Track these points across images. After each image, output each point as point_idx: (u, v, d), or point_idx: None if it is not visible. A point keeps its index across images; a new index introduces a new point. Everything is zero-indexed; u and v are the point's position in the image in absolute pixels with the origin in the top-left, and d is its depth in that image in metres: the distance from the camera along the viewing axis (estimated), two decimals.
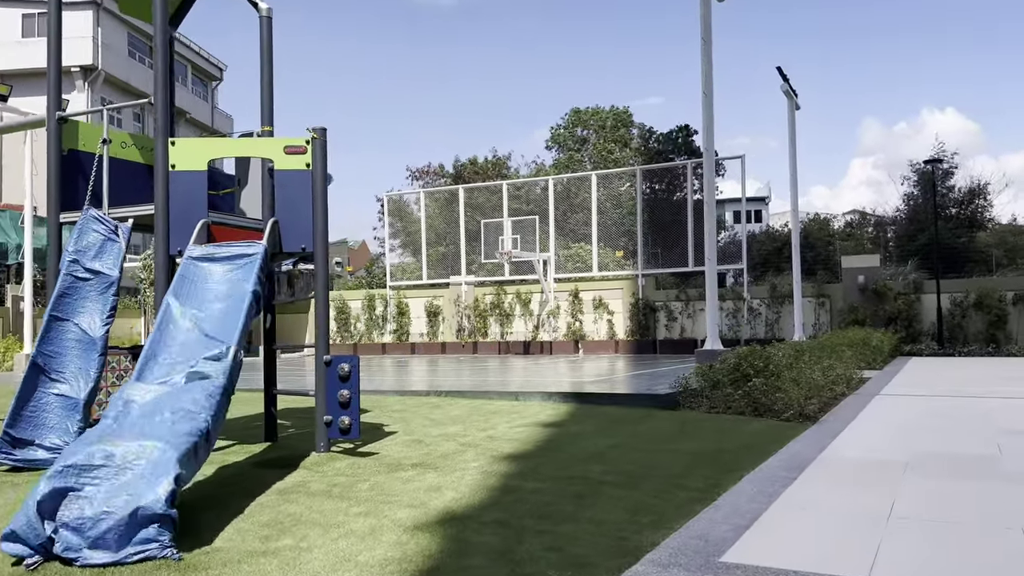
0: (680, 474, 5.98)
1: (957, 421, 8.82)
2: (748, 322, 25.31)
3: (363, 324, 31.31)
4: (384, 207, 33.11)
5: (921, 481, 5.75)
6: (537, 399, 10.53)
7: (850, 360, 14.33)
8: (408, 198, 42.24)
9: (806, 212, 67.79)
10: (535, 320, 28.42)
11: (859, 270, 23.65)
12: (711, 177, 13.68)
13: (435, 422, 8.73)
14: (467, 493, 5.24)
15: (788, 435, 7.93)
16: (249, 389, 12.37)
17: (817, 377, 10.47)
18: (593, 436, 7.73)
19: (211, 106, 49.19)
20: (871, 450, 7.10)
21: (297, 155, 6.43)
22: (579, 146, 53.43)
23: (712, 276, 13.60)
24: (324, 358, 6.33)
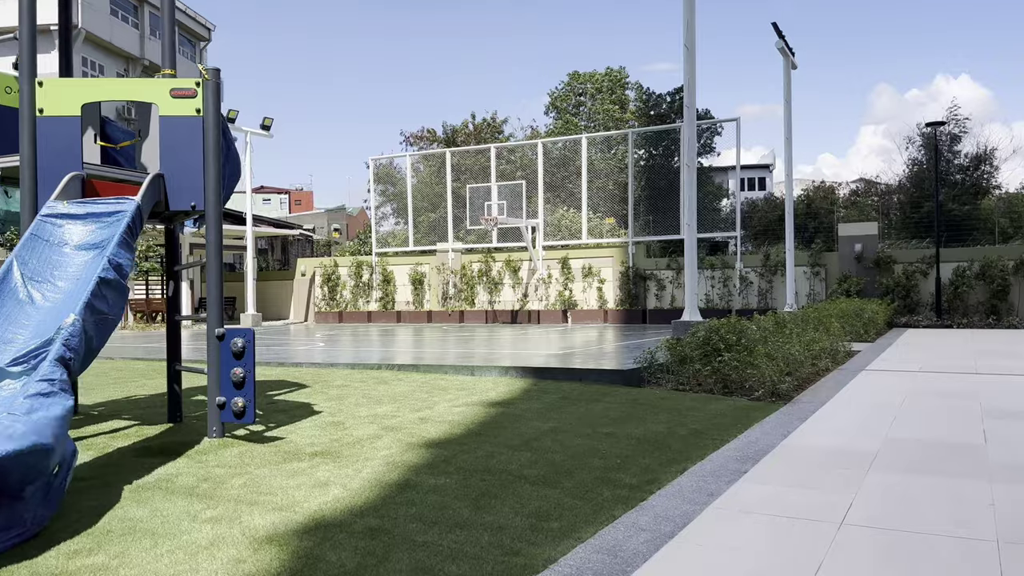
0: (615, 466, 5.25)
1: (943, 401, 8.08)
2: (740, 292, 24.51)
3: (349, 292, 30.59)
4: (370, 172, 32.18)
5: (888, 477, 5.02)
6: (494, 374, 9.80)
7: (838, 333, 13.56)
8: (399, 163, 41.31)
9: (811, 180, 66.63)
10: (523, 288, 27.66)
11: (856, 238, 22.77)
12: (692, 137, 12.80)
13: (372, 400, 8.01)
14: (355, 491, 4.52)
15: (753, 417, 7.20)
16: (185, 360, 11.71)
17: (796, 352, 9.71)
18: (536, 418, 7.01)
19: (198, 66, 48.03)
20: (840, 436, 6.37)
21: (186, 99, 5.63)
22: (576, 109, 52.34)
23: (691, 243, 12.79)
24: (216, 331, 5.58)
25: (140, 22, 41.53)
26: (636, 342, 15.68)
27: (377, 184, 51.37)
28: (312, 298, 31.73)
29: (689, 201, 12.66)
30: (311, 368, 11.01)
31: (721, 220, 32.33)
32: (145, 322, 29.16)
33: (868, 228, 23.08)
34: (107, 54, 39.26)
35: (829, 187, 57.37)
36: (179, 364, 6.65)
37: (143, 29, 41.63)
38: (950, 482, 4.85)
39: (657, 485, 4.81)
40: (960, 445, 5.95)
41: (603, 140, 34.99)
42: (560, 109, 52.45)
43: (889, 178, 47.41)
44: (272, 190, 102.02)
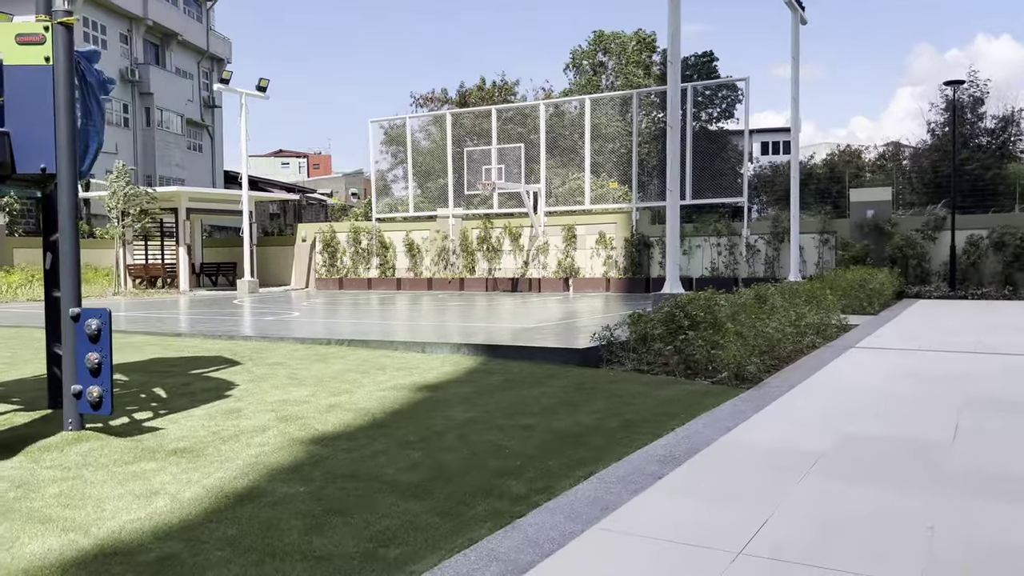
0: (511, 469, 4.57)
1: (924, 385, 7.29)
2: (747, 260, 23.57)
3: (349, 258, 30.04)
4: (370, 135, 31.43)
5: (823, 485, 4.30)
6: (445, 351, 9.14)
7: (832, 305, 12.72)
8: (413, 124, 40.38)
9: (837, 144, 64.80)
10: (524, 256, 26.90)
11: (868, 204, 21.70)
12: (676, 95, 11.86)
13: (295, 382, 7.39)
14: (183, 503, 3.89)
15: (705, 405, 6.48)
16: (140, 332, 11.18)
17: (771, 330, 8.93)
18: (459, 405, 6.34)
19: (206, 28, 47.24)
20: (791, 430, 5.64)
21: (32, 46, 4.94)
22: (596, 70, 50.99)
23: (674, 210, 11.95)
24: (71, 311, 4.95)
25: None
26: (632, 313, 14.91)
27: (390, 146, 50.55)
28: (313, 264, 31.22)
29: (671, 164, 11.79)
30: (258, 342, 10.42)
31: (738, 185, 31.12)
32: (143, 287, 28.84)
33: (881, 193, 21.98)
34: (108, 14, 38.62)
35: (855, 151, 55.67)
36: (59, 345, 6.04)
37: None
38: (891, 495, 4.12)
39: (548, 495, 4.13)
40: (923, 443, 5.20)
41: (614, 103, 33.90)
42: (580, 69, 51.14)
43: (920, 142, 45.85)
44: (291, 154, 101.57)
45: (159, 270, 29.45)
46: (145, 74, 40.41)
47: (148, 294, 26.37)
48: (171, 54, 44.03)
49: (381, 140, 50.86)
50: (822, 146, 72.36)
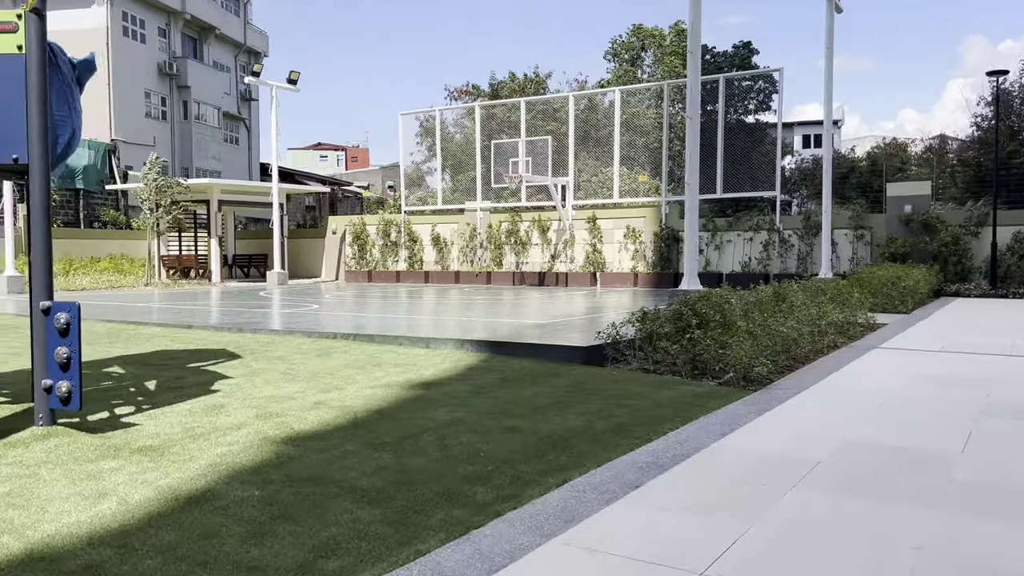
0: (480, 475, 4.37)
1: (943, 389, 6.91)
2: (780, 255, 23.02)
3: (378, 251, 30.05)
4: (400, 128, 31.37)
5: (811, 497, 4.02)
6: (449, 347, 8.96)
7: (858, 303, 12.28)
8: (447, 116, 40.25)
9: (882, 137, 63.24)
10: (552, 249, 26.64)
11: (905, 199, 21.01)
12: (696, 85, 11.49)
13: (288, 377, 7.27)
14: (130, 506, 3.76)
15: (705, 407, 6.21)
16: (153, 323, 11.14)
17: (785, 329, 8.59)
18: (447, 404, 6.15)
19: (243, 22, 47.66)
20: (790, 437, 5.35)
21: (5, 34, 4.85)
22: (635, 61, 50.41)
23: (692, 204, 11.61)
24: (41, 305, 4.86)
25: None
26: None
27: (424, 139, 50.62)
28: (343, 257, 31.32)
29: (690, 157, 11.46)
30: (267, 335, 10.35)
31: (774, 179, 30.42)
32: (176, 278, 29.18)
33: (920, 188, 21.27)
34: (147, 8, 39.11)
35: (900, 144, 54.18)
36: None
37: None
38: (884, 509, 3.83)
39: (513, 504, 3.92)
40: (929, 453, 4.88)
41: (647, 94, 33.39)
42: (620, 58, 50.61)
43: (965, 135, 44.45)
44: (329, 147, 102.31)
45: (192, 261, 29.77)
46: (183, 68, 40.89)
47: (179, 285, 26.67)
48: (209, 48, 44.50)
49: (416, 132, 50.94)
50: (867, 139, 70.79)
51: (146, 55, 39.18)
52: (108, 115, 36.39)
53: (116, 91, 36.60)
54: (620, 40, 50.28)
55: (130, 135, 37.30)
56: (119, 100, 36.77)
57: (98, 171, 34.13)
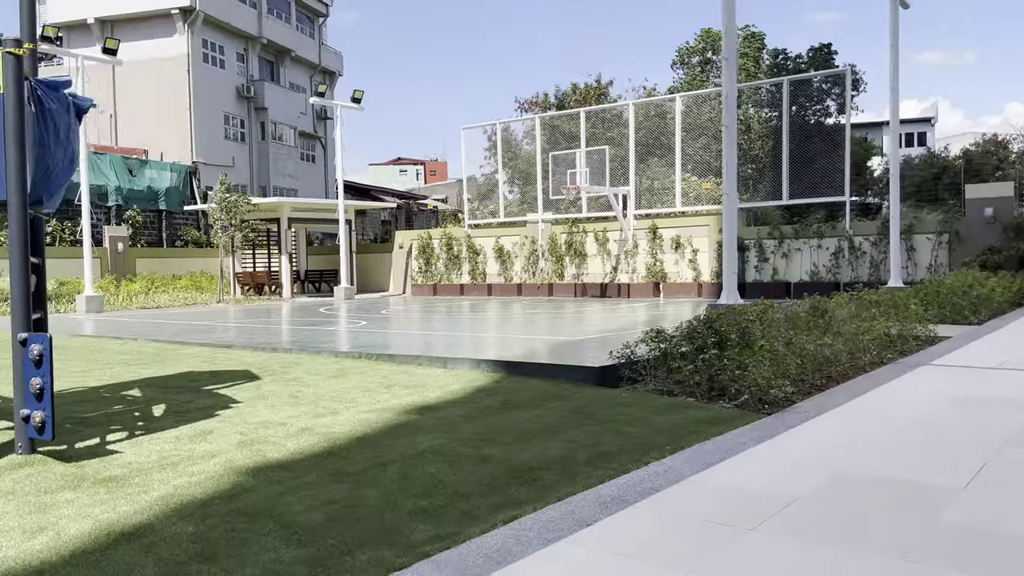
0: (432, 510, 4.22)
1: (979, 412, 6.38)
2: (850, 263, 22.04)
3: (443, 264, 30.29)
4: (462, 141, 31.59)
5: (769, 543, 3.72)
6: (466, 367, 8.85)
7: (915, 315, 11.58)
8: (516, 128, 40.36)
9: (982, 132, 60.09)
10: (613, 261, 26.26)
11: (986, 201, 19.81)
12: (732, 92, 11.08)
13: (293, 400, 7.30)
14: (63, 542, 3.78)
15: (704, 434, 5.90)
16: (197, 343, 11.37)
17: (815, 348, 8.13)
18: (434, 431, 6.04)
19: (318, 43, 49.05)
20: (779, 469, 5.01)
21: None
22: (704, 67, 49.49)
23: (731, 215, 11.19)
24: (19, 336, 4.99)
25: (258, 1, 42.69)
26: None
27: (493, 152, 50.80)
28: (409, 271, 31.70)
29: (727, 165, 11.06)
30: (295, 355, 10.47)
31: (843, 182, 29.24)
32: (250, 294, 30.11)
33: (1002, 189, 20.03)
34: (226, 35, 40.66)
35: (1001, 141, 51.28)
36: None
37: (261, 8, 42.81)
38: (845, 560, 3.50)
39: (448, 544, 3.76)
40: (927, 489, 4.47)
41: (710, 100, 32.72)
42: (688, 65, 49.81)
43: None
44: (408, 161, 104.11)
45: (264, 277, 30.66)
46: (260, 90, 42.33)
47: (251, 301, 27.48)
48: (285, 70, 45.95)
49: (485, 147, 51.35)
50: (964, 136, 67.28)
51: (225, 79, 40.72)
52: (189, 138, 37.96)
53: (197, 115, 38.16)
54: (688, 47, 49.39)
55: (210, 157, 38.79)
56: (199, 124, 38.31)
57: (180, 192, 35.61)
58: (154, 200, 34.04)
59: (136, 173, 33.86)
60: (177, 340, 12.40)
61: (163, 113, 38.01)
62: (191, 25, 37.80)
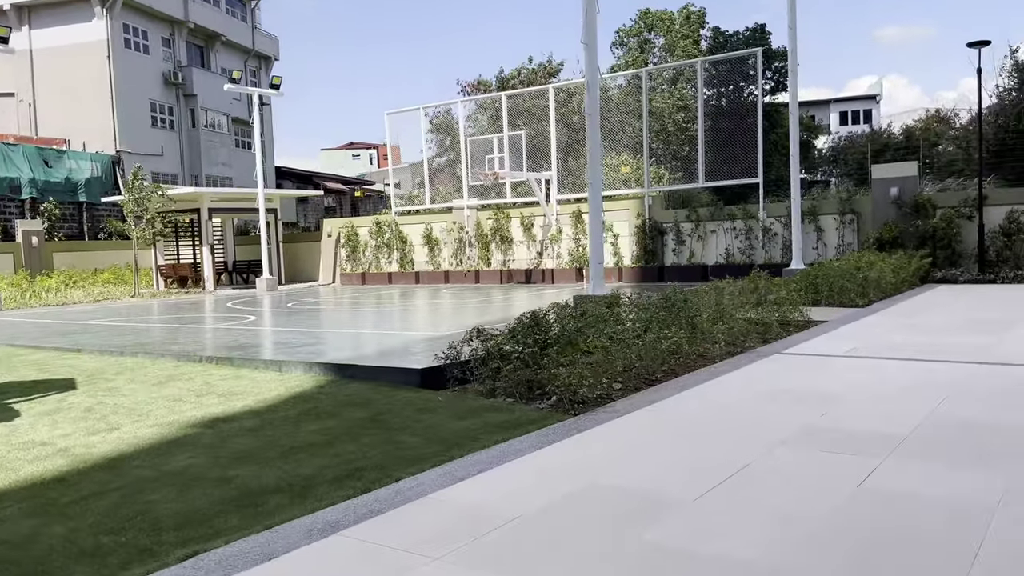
0: (109, 548, 3.92)
1: (781, 408, 6.23)
2: (763, 245, 22.06)
3: (371, 252, 29.84)
4: (387, 127, 31.04)
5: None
6: (298, 370, 8.54)
7: (790, 299, 11.50)
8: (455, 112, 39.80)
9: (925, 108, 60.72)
10: (538, 246, 26.05)
11: (891, 181, 19.89)
12: (594, 79, 10.77)
13: (86, 414, 6.93)
14: None
15: (489, 440, 5.68)
16: (50, 347, 10.66)
17: (644, 343, 7.95)
18: (203, 448, 5.73)
19: (251, 27, 47.89)
20: (533, 478, 4.79)
21: None
22: (643, 47, 49.30)
23: (596, 204, 10.96)
24: None
25: None
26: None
27: (437, 135, 50.37)
28: (338, 259, 31.20)
29: (591, 155, 10.82)
30: (140, 359, 10.07)
31: (756, 164, 29.25)
32: (173, 287, 29.41)
33: (906, 169, 20.12)
34: (149, 19, 39.46)
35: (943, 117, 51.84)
36: None
37: None
38: None
39: None
40: (660, 502, 4.27)
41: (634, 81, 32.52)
42: (628, 47, 49.62)
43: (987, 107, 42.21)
44: (361, 146, 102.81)
45: (187, 270, 29.96)
46: (188, 76, 41.22)
47: (169, 295, 26.82)
48: (216, 55, 44.81)
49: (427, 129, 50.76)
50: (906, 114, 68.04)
51: (150, 65, 39.57)
52: (112, 127, 36.86)
53: (119, 103, 37.04)
54: (626, 28, 49.15)
55: (136, 146, 37.73)
56: (123, 112, 37.21)
57: (102, 183, 34.61)
58: (73, 192, 33.03)
59: (53, 164, 32.81)
60: (34, 344, 11.91)
61: (84, 101, 36.85)
62: (110, 9, 36.60)
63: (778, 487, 4.48)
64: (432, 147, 51.62)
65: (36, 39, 37.47)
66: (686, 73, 34.60)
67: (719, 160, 23.60)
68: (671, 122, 35.32)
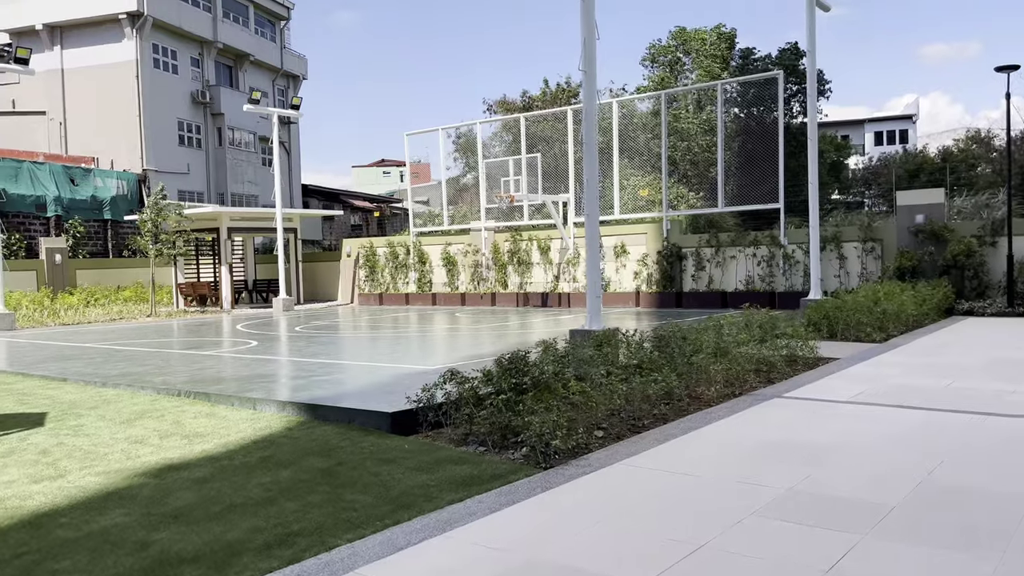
0: None
1: (766, 468, 5.78)
2: (784, 272, 21.46)
3: (388, 273, 29.69)
4: (405, 148, 30.93)
5: None
6: (272, 408, 8.24)
7: (797, 335, 10.98)
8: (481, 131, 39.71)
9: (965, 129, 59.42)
10: (555, 269, 25.69)
11: (917, 208, 19.22)
12: (592, 106, 10.38)
13: (39, 456, 6.69)
14: None
15: (445, 500, 5.31)
16: (37, 375, 10.44)
17: (627, 388, 7.53)
18: (142, 502, 5.43)
19: (280, 47, 48.36)
20: (470, 551, 4.41)
21: None
22: (673, 67, 48.90)
23: (592, 233, 10.54)
24: None
25: (212, 5, 42.05)
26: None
27: (462, 154, 50.47)
28: (356, 280, 31.10)
29: (588, 182, 10.43)
30: (120, 391, 9.85)
31: (778, 189, 28.67)
32: (193, 305, 29.49)
33: (932, 196, 19.43)
34: (179, 39, 39.98)
35: (983, 138, 50.67)
36: None
37: (216, 11, 42.15)
38: None
39: None
40: None
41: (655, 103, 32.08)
42: (659, 63, 49.27)
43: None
44: (392, 163, 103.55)
45: (206, 288, 30.04)
46: (216, 95, 41.66)
47: (186, 314, 26.86)
48: (244, 74, 45.27)
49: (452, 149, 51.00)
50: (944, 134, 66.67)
51: (179, 85, 40.06)
52: (139, 146, 37.30)
53: (147, 122, 37.50)
54: (659, 45, 48.79)
55: (163, 164, 38.15)
56: (150, 131, 37.65)
57: (128, 201, 34.97)
58: (98, 209, 33.40)
59: (79, 182, 33.22)
60: (23, 371, 11.78)
61: (113, 120, 37.37)
62: (139, 30, 37.13)
63: (733, 573, 4.04)
64: (459, 166, 51.68)
65: (67, 59, 38.14)
66: (710, 94, 34.09)
67: (744, 183, 23.11)
68: (696, 144, 34.81)
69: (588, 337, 9.93)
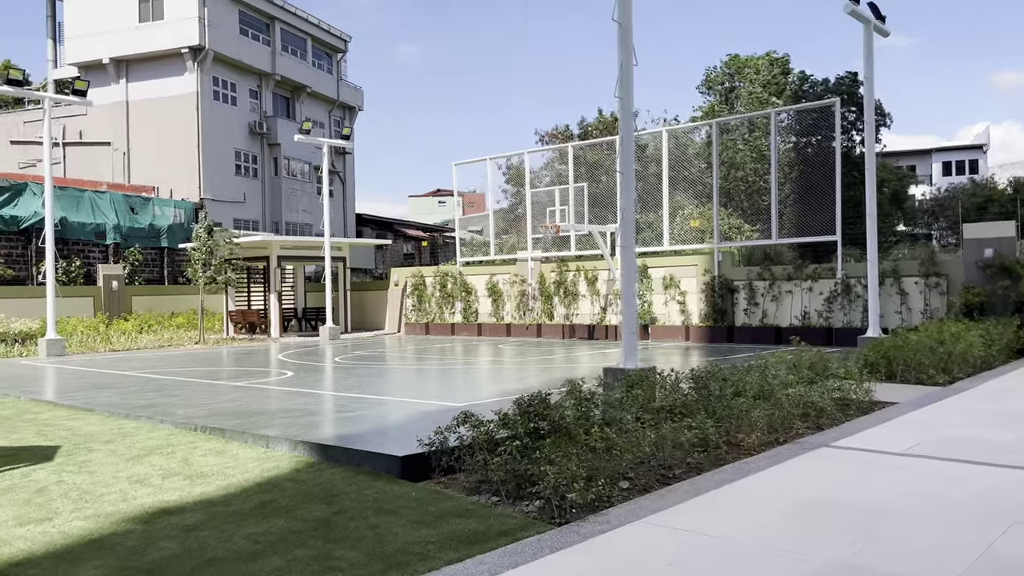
0: None
1: (798, 534, 5.17)
2: (843, 307, 20.48)
3: (435, 303, 29.48)
4: (453, 177, 30.81)
5: None
6: (284, 447, 7.89)
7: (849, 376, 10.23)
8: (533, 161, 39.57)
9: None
10: (602, 301, 25.09)
11: (985, 241, 18.16)
12: (629, 143, 9.88)
13: (35, 496, 6.43)
14: None
15: (443, 559, 4.85)
16: (65, 405, 10.27)
17: (656, 436, 6.96)
18: (119, 555, 5.10)
19: (336, 79, 49.16)
20: None
21: None
22: (727, 95, 48.17)
23: (629, 264, 10.00)
24: None
25: (271, 38, 42.98)
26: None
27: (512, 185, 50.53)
28: (403, 308, 30.97)
29: (624, 213, 9.93)
30: (140, 423, 9.65)
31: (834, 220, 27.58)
32: (243, 333, 29.72)
33: (1002, 228, 18.35)
34: (239, 72, 40.89)
35: None
36: None
37: (274, 44, 43.07)
38: None
39: None
40: None
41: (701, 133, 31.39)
42: (714, 90, 48.63)
43: None
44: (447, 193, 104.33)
45: (255, 316, 30.25)
46: (273, 126, 42.44)
47: (235, 341, 27.02)
48: (301, 105, 46.09)
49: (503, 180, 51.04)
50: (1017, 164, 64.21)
51: (236, 116, 40.93)
52: (197, 175, 38.10)
53: (205, 152, 38.32)
54: (714, 71, 48.14)
55: (219, 193, 38.88)
56: (208, 160, 38.46)
57: (184, 230, 35.61)
58: (156, 237, 34.09)
59: (139, 211, 33.99)
60: (54, 400, 11.74)
61: (174, 151, 38.30)
62: (201, 63, 38.09)
63: None
64: (510, 197, 51.61)
65: (132, 91, 39.32)
66: (762, 123, 33.28)
67: (800, 214, 22.31)
68: (751, 173, 33.99)
69: (621, 376, 9.39)
